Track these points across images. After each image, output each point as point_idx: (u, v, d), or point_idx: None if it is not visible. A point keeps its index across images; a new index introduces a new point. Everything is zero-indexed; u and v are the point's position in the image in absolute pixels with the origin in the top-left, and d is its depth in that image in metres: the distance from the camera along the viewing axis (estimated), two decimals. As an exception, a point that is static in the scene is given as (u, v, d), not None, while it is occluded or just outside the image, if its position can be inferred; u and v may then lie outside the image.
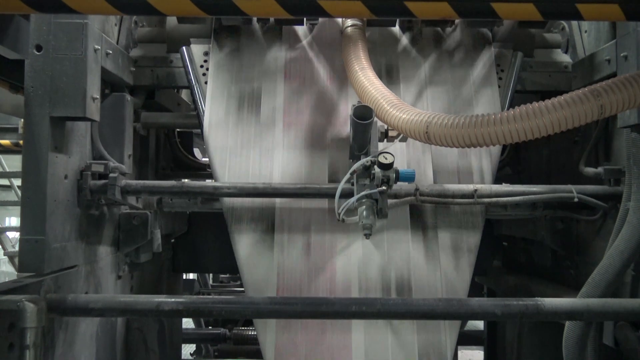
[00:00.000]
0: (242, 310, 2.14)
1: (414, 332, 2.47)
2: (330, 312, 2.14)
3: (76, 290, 2.36)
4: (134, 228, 2.80)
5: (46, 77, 2.21)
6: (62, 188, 2.28)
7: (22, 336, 1.80)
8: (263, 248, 2.56)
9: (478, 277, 4.22)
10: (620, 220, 2.34)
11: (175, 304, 2.12)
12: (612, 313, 2.13)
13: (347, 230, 2.57)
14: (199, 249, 3.87)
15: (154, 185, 2.54)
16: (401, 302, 2.16)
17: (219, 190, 2.48)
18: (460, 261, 2.58)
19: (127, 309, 2.14)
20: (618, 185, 2.53)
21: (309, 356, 2.44)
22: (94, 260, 2.56)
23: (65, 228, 2.30)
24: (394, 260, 2.56)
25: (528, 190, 2.52)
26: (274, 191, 2.48)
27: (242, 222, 2.60)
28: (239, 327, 5.45)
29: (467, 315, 2.15)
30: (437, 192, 2.51)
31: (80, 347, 2.41)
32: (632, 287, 2.44)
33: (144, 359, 3.05)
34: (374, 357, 2.43)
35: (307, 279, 2.52)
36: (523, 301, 2.13)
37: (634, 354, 2.26)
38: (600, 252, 2.43)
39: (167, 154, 3.61)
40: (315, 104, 2.82)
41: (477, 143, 1.98)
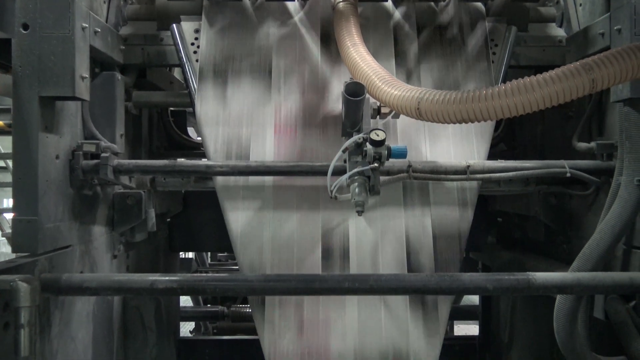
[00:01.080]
0: (235, 288, 2.15)
1: (406, 306, 2.50)
2: (323, 289, 2.16)
3: (71, 270, 2.37)
4: (128, 208, 2.80)
5: (34, 57, 2.18)
6: (54, 168, 2.27)
7: (16, 315, 1.81)
8: (257, 226, 2.57)
9: (472, 253, 4.26)
10: (612, 195, 2.35)
11: (170, 282, 2.13)
12: (602, 286, 2.15)
13: (341, 208, 2.57)
14: (195, 227, 3.89)
15: (146, 164, 2.54)
16: (394, 278, 2.17)
17: (212, 169, 2.48)
18: (453, 236, 2.59)
19: (121, 287, 2.15)
20: (611, 160, 2.53)
21: (303, 331, 2.47)
22: (89, 240, 2.57)
23: (58, 208, 2.30)
24: (387, 236, 2.57)
25: (521, 166, 2.52)
26: (267, 169, 2.48)
27: (236, 200, 2.60)
28: (236, 305, 5.50)
29: (459, 290, 2.18)
30: (429, 169, 2.51)
31: (76, 325, 2.43)
32: (623, 261, 2.46)
33: (142, 336, 3.08)
34: (367, 331, 2.46)
35: (301, 255, 2.53)
36: (514, 276, 2.15)
37: (623, 326, 2.29)
38: (592, 227, 2.44)
39: (160, 134, 3.59)
40: (307, 81, 2.80)
41: (469, 119, 1.98)
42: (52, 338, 2.20)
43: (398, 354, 2.45)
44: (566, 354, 2.37)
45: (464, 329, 7.42)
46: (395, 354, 2.45)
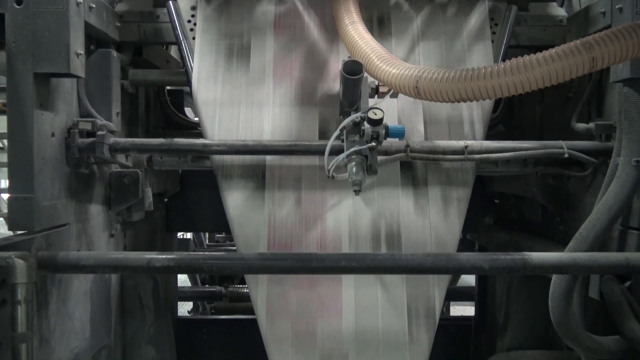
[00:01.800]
0: (232, 266, 2.16)
1: (403, 286, 2.51)
2: (320, 268, 2.16)
3: (68, 248, 2.37)
4: (124, 187, 2.79)
5: (28, 32, 2.15)
6: (50, 146, 2.26)
7: (13, 292, 1.81)
8: (253, 205, 2.57)
9: (469, 234, 4.27)
10: (610, 176, 2.35)
11: (166, 261, 2.14)
12: (598, 267, 2.16)
13: (338, 187, 2.57)
14: (192, 208, 3.89)
15: (142, 143, 2.52)
16: (390, 257, 2.18)
17: (209, 147, 2.47)
18: (450, 217, 2.60)
19: (118, 265, 2.16)
20: (609, 140, 2.52)
21: (300, 310, 2.48)
22: (85, 219, 2.56)
23: (54, 186, 2.29)
24: (384, 216, 2.57)
25: (519, 146, 2.51)
26: (264, 148, 2.47)
27: (233, 180, 2.60)
28: (234, 285, 5.53)
29: (455, 270, 2.18)
30: (427, 149, 2.50)
31: (74, 303, 2.44)
32: (619, 242, 2.46)
33: (139, 315, 3.09)
34: (363, 310, 2.48)
35: (297, 235, 2.54)
36: (511, 255, 2.15)
37: (618, 306, 2.30)
38: (589, 208, 2.44)
39: (157, 113, 3.56)
40: (305, 59, 2.77)
41: (468, 97, 1.96)
42: (49, 315, 2.21)
43: (394, 332, 2.47)
44: (561, 333, 2.38)
45: (460, 310, 7.48)
46: (391, 333, 2.47)
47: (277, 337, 2.47)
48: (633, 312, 2.27)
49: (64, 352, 2.34)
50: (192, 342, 4.15)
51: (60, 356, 2.30)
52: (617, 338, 2.38)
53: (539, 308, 3.17)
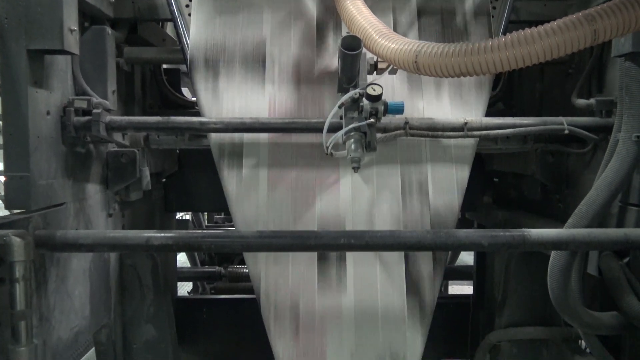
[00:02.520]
0: (231, 244, 2.15)
1: (402, 263, 2.51)
2: (318, 245, 2.16)
3: (66, 227, 2.36)
4: (122, 166, 2.78)
5: (20, 8, 2.11)
6: (45, 124, 2.24)
7: (11, 270, 1.81)
8: (252, 183, 2.55)
9: (468, 213, 4.28)
10: (610, 152, 2.33)
11: (165, 239, 2.13)
12: (597, 243, 2.16)
13: (337, 165, 2.56)
14: (190, 188, 3.88)
15: (139, 121, 2.50)
16: (389, 234, 2.17)
17: (206, 125, 2.45)
18: (449, 194, 2.59)
19: (117, 244, 2.15)
20: (609, 116, 2.51)
21: (299, 288, 2.49)
22: (83, 198, 2.55)
23: (50, 165, 2.27)
24: (383, 194, 2.56)
25: (519, 123, 2.50)
26: (262, 126, 2.45)
27: (231, 158, 2.58)
28: (233, 266, 5.55)
29: (454, 246, 2.17)
30: (426, 126, 2.48)
31: (73, 282, 2.44)
32: (619, 219, 2.46)
33: (139, 294, 3.11)
34: (362, 287, 2.48)
35: (296, 213, 2.53)
36: (509, 232, 2.15)
37: (616, 282, 2.31)
38: (589, 185, 2.43)
39: (154, 92, 3.53)
40: (302, 35, 2.73)
41: (468, 72, 1.93)
42: (48, 294, 2.21)
43: (393, 309, 2.48)
44: (559, 309, 2.40)
45: (458, 289, 7.53)
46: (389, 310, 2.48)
47: (277, 314, 2.48)
48: (631, 288, 2.28)
49: (64, 330, 2.35)
50: (191, 322, 4.17)
51: (61, 334, 2.31)
52: (615, 314, 2.40)
53: (537, 285, 3.19)
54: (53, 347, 2.25)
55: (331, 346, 2.46)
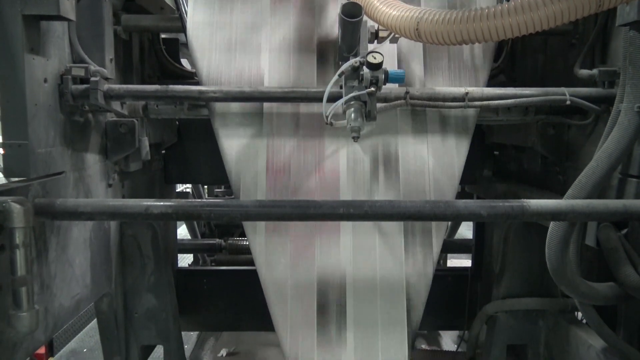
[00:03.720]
0: (230, 213, 2.15)
1: (400, 234, 2.52)
2: (318, 214, 2.15)
3: (65, 196, 2.37)
4: (121, 136, 2.77)
5: (14, -28, 2.07)
6: (42, 92, 2.22)
7: (11, 236, 1.81)
8: (251, 153, 2.55)
9: (468, 187, 4.28)
10: (612, 123, 2.31)
11: (164, 207, 2.12)
12: (596, 214, 2.16)
13: (336, 135, 2.55)
14: (190, 159, 3.87)
15: (137, 89, 2.47)
16: (388, 204, 2.17)
17: (205, 94, 2.43)
18: (449, 166, 2.58)
19: (116, 212, 2.14)
20: (612, 87, 2.48)
21: (298, 257, 2.50)
22: (82, 168, 2.55)
23: (49, 133, 2.26)
24: (383, 164, 2.55)
25: (520, 93, 2.47)
26: (261, 95, 2.43)
27: (230, 128, 2.57)
28: (234, 238, 5.58)
29: (453, 217, 2.17)
30: (427, 96, 2.46)
31: (74, 251, 2.45)
32: (618, 190, 2.46)
33: (140, 264, 3.13)
34: (361, 257, 2.49)
35: (295, 182, 2.53)
36: (509, 202, 2.14)
37: (614, 253, 2.31)
38: (589, 157, 2.42)
39: (152, 62, 3.49)
40: (303, 3, 2.69)
41: (470, 39, 1.91)
42: (49, 262, 2.23)
43: (392, 279, 2.50)
44: (557, 279, 2.41)
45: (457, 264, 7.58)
46: (389, 279, 2.50)
47: (276, 284, 2.50)
48: (629, 258, 2.29)
49: (66, 298, 2.37)
50: (192, 292, 4.22)
51: (62, 302, 2.33)
52: (612, 285, 2.41)
53: (534, 257, 3.21)
54: (55, 314, 2.27)
55: (331, 314, 2.49)
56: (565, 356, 3.00)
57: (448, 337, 5.97)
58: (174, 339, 3.29)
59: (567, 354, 2.97)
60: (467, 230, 8.04)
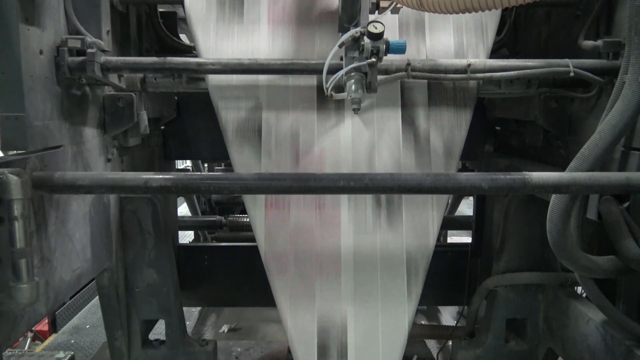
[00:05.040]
0: (229, 186, 2.13)
1: (401, 207, 2.51)
2: (318, 187, 2.14)
3: (64, 170, 2.35)
4: (119, 110, 2.74)
5: (7, -61, 2.02)
6: (38, 64, 2.19)
7: (9, 208, 1.80)
8: (250, 126, 2.52)
9: (469, 162, 4.26)
10: (615, 95, 2.28)
11: (164, 181, 2.11)
12: (598, 186, 2.14)
13: (337, 108, 2.52)
14: (190, 135, 3.85)
15: (135, 61, 2.44)
16: (389, 177, 2.15)
17: (203, 66, 2.39)
18: (450, 139, 2.56)
19: (115, 185, 2.13)
20: (616, 59, 2.44)
21: (298, 231, 2.50)
22: (81, 142, 2.53)
23: (46, 106, 2.24)
24: (384, 138, 2.53)
25: (523, 65, 2.44)
26: (260, 67, 2.39)
27: (229, 100, 2.54)
28: (234, 215, 5.58)
29: (454, 190, 2.15)
30: (429, 67, 2.42)
31: (73, 225, 2.44)
32: (621, 164, 2.44)
33: (140, 239, 3.13)
34: (361, 231, 2.49)
35: (295, 156, 2.51)
36: (510, 175, 2.13)
37: (615, 226, 2.30)
38: (592, 131, 2.39)
39: (150, 35, 3.44)
40: (302, -27, 2.64)
41: (474, 8, 1.87)
42: (49, 236, 2.22)
43: (392, 251, 2.50)
44: (557, 253, 2.40)
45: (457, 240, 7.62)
46: (389, 252, 2.50)
47: (276, 256, 2.50)
48: (630, 231, 2.28)
49: (66, 272, 2.37)
50: (193, 268, 4.23)
51: (63, 275, 2.33)
52: (612, 258, 2.41)
53: (535, 232, 3.21)
54: (55, 288, 2.28)
55: (331, 288, 2.50)
56: (564, 330, 3.02)
57: (447, 314, 6.03)
58: (176, 314, 3.30)
59: (567, 327, 2.99)
60: (467, 209, 8.06)
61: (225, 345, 4.21)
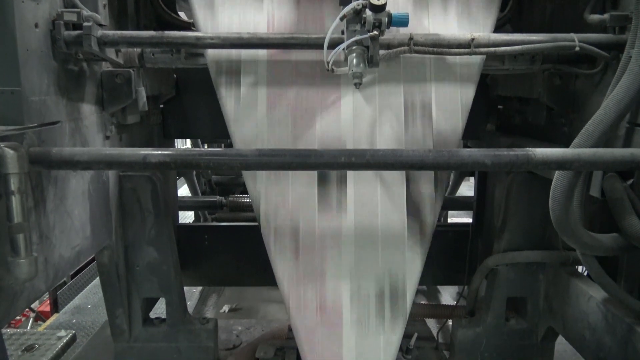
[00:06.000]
0: (229, 162, 2.11)
1: (403, 184, 2.48)
2: (318, 163, 2.11)
3: (61, 146, 2.32)
4: (117, 87, 2.71)
5: None
6: (34, 37, 2.14)
7: (6, 183, 1.78)
8: (251, 102, 2.48)
9: (471, 141, 4.22)
10: (621, 70, 2.24)
11: (162, 156, 2.08)
12: (602, 162, 2.12)
13: (338, 83, 2.48)
14: (189, 114, 3.81)
15: (132, 35, 2.39)
16: (391, 153, 2.12)
17: (202, 40, 2.35)
18: (453, 115, 2.52)
19: (113, 161, 2.10)
20: (623, 33, 2.40)
21: (299, 207, 2.48)
22: (78, 118, 2.49)
23: (42, 81, 2.20)
24: (385, 114, 2.50)
25: (528, 39, 2.39)
26: (260, 41, 2.35)
27: (228, 76, 2.50)
28: (234, 195, 5.57)
29: (456, 166, 2.12)
30: (432, 42, 2.38)
31: (72, 202, 2.42)
32: (625, 140, 2.41)
33: (139, 217, 3.11)
34: (363, 207, 2.47)
35: (296, 132, 2.48)
36: (514, 151, 2.10)
37: (618, 203, 2.29)
38: (596, 108, 2.36)
39: (148, 11, 3.38)
40: (303, -56, 2.58)
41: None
42: (47, 212, 2.20)
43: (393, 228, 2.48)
44: (560, 230, 2.39)
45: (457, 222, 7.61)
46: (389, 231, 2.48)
47: (277, 233, 2.48)
48: (634, 209, 2.26)
49: (65, 249, 2.36)
50: (193, 248, 4.23)
51: (62, 252, 2.32)
52: (615, 235, 2.40)
53: (536, 211, 3.19)
54: (55, 264, 2.26)
55: (331, 265, 2.48)
56: (565, 308, 3.02)
57: (447, 294, 6.05)
58: (176, 292, 3.31)
59: (567, 305, 2.99)
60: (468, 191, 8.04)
61: (226, 324, 4.22)
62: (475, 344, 3.43)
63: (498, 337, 3.41)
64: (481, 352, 3.44)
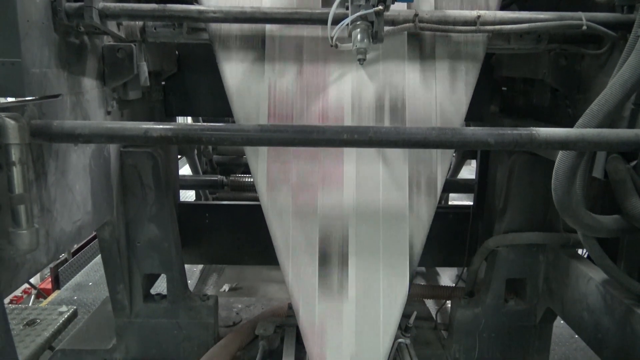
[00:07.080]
0: (231, 137, 2.09)
1: (405, 162, 2.47)
2: (321, 140, 2.10)
3: (62, 120, 2.31)
4: (118, 61, 2.69)
5: None
6: (35, 8, 2.12)
7: (7, 153, 1.78)
8: (253, 77, 2.47)
9: (474, 123, 4.20)
10: (628, 49, 2.21)
11: (164, 131, 2.07)
12: (606, 143, 2.10)
13: (342, 60, 2.45)
14: (191, 91, 3.80)
15: (133, 8, 2.36)
16: (394, 131, 2.11)
17: (204, 14, 2.32)
18: (457, 93, 2.50)
19: (114, 135, 2.09)
20: (631, 12, 2.36)
21: (300, 184, 2.47)
22: (80, 92, 2.48)
23: (43, 53, 2.18)
24: (389, 90, 2.48)
25: (534, 18, 2.36)
26: (263, 16, 2.32)
27: (231, 51, 2.47)
28: (235, 175, 5.57)
29: (460, 144, 2.11)
30: (437, 19, 2.35)
31: (73, 177, 2.42)
32: (630, 122, 2.39)
33: (141, 194, 3.11)
34: (365, 185, 2.46)
35: (298, 107, 2.46)
36: (517, 130, 2.08)
37: (621, 184, 2.28)
38: (601, 89, 2.33)
39: (150, -15, 3.34)
40: None
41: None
42: (49, 186, 2.20)
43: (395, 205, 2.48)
44: (561, 211, 2.38)
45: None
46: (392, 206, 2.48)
47: (278, 209, 2.48)
48: (637, 190, 2.26)
49: (67, 223, 2.36)
50: (194, 226, 4.24)
51: (63, 226, 2.32)
52: (616, 217, 2.39)
53: (538, 193, 3.19)
54: (56, 238, 2.27)
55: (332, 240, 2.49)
56: (564, 289, 3.04)
57: (446, 276, 6.08)
58: (177, 269, 3.32)
59: (566, 287, 3.00)
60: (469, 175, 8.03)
61: (227, 301, 4.25)
62: (474, 325, 3.45)
63: (497, 318, 3.43)
64: (479, 333, 3.46)
